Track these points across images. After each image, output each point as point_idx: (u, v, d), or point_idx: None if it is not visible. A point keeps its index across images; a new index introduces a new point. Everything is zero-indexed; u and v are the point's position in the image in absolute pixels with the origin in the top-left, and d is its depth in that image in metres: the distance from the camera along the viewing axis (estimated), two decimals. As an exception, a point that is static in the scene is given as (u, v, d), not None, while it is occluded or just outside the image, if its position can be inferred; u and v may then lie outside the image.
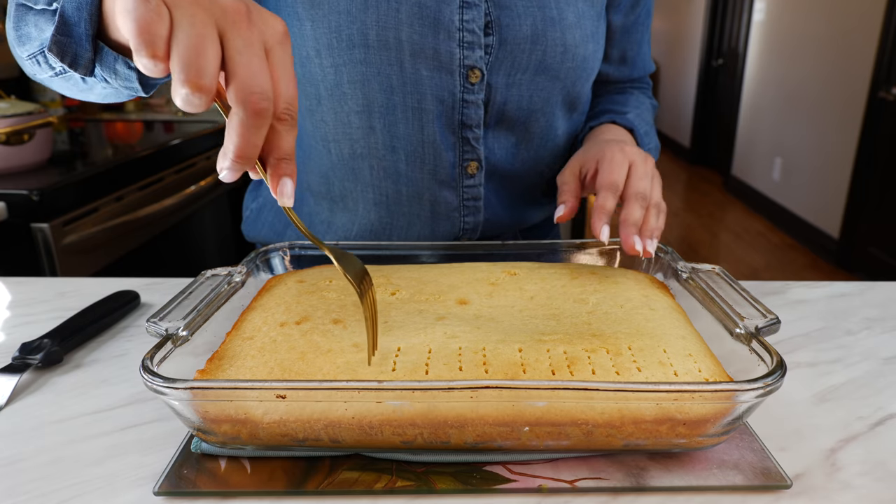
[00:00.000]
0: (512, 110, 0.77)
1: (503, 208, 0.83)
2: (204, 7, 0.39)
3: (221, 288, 0.59)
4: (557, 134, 0.82)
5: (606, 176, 0.64)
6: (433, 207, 0.79)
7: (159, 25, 0.37)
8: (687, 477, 0.46)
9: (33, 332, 0.67)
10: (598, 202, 0.64)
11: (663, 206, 0.66)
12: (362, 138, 0.75)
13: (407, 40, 0.69)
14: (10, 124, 1.49)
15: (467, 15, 0.70)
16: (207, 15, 0.39)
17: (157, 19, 0.37)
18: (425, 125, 0.73)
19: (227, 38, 0.39)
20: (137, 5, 0.37)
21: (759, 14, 4.66)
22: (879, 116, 3.16)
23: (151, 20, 0.37)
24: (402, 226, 0.80)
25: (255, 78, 0.39)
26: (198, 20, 0.38)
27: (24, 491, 0.45)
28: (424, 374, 0.46)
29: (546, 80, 0.76)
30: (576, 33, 0.75)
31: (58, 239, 1.40)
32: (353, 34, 0.69)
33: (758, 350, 0.48)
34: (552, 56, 0.74)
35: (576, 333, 0.50)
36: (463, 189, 0.79)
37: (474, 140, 0.76)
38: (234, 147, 0.40)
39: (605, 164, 0.66)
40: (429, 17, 0.69)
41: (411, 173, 0.76)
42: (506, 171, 0.81)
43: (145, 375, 0.43)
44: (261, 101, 0.39)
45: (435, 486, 0.45)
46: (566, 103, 0.80)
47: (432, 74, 0.71)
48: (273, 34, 0.41)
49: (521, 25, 0.72)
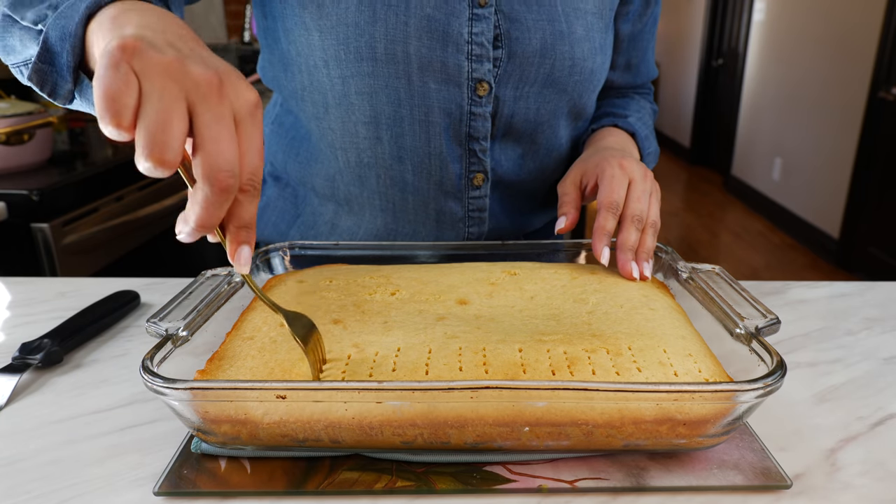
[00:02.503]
0: (519, 123, 0.76)
1: (507, 217, 0.84)
2: (175, 79, 0.38)
3: (221, 288, 0.59)
4: (562, 143, 0.82)
5: (607, 195, 0.64)
6: (438, 217, 0.79)
7: (127, 96, 0.37)
8: (687, 477, 0.46)
9: (33, 332, 0.67)
10: (598, 222, 0.64)
11: (658, 224, 0.66)
12: (369, 148, 0.75)
13: (415, 53, 0.69)
14: (10, 124, 1.49)
15: (476, 28, 0.70)
16: (178, 88, 0.38)
17: (124, 89, 0.37)
18: (432, 137, 0.73)
19: (196, 112, 0.39)
20: (107, 73, 0.37)
21: (759, 14, 4.66)
22: (879, 116, 3.16)
23: (119, 90, 0.37)
24: (408, 233, 0.80)
25: (223, 154, 0.39)
26: (167, 94, 0.38)
27: (24, 491, 0.45)
28: (424, 374, 0.46)
29: (553, 92, 0.75)
30: (584, 47, 0.74)
31: (58, 239, 1.40)
32: (362, 47, 0.68)
33: (758, 350, 0.48)
34: (560, 70, 0.74)
35: (576, 333, 0.50)
36: (468, 200, 0.79)
37: (481, 152, 0.76)
38: (196, 218, 0.39)
39: (605, 182, 0.65)
40: (437, 31, 0.69)
41: (418, 183, 0.76)
42: (511, 182, 0.81)
43: (145, 375, 0.43)
44: (227, 179, 0.39)
45: (435, 486, 0.45)
46: (572, 114, 0.80)
47: (440, 87, 0.71)
48: (243, 105, 0.41)
49: (531, 39, 0.71)
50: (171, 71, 0.38)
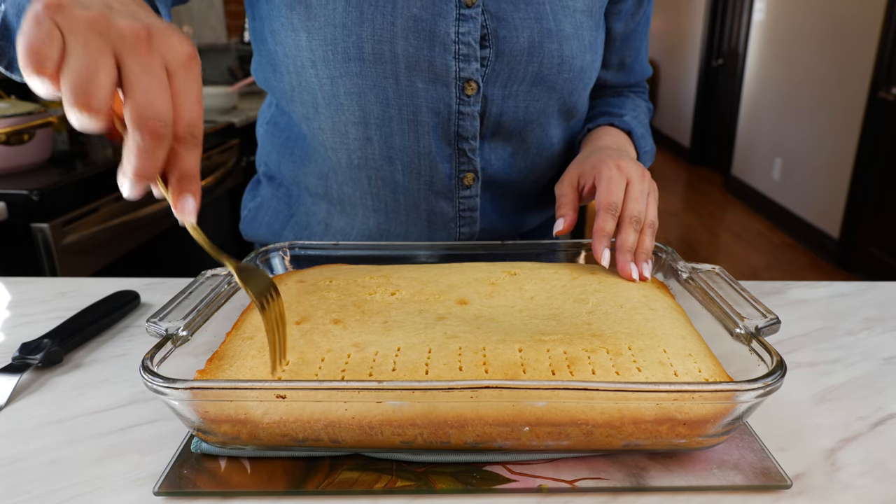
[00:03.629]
0: (508, 121, 0.76)
1: (499, 217, 0.84)
2: (100, 33, 0.38)
3: (221, 288, 0.59)
4: (553, 143, 0.82)
5: (605, 196, 0.64)
6: (429, 217, 0.79)
7: (48, 48, 0.38)
8: (687, 477, 0.46)
9: (33, 332, 0.67)
10: (598, 224, 0.63)
11: (656, 224, 0.66)
12: (359, 149, 0.75)
13: (402, 53, 0.69)
14: (10, 124, 1.49)
15: (463, 28, 0.70)
16: (103, 41, 0.38)
17: (47, 42, 0.37)
18: (421, 137, 0.73)
19: (124, 65, 0.39)
20: (29, 28, 0.38)
21: (759, 14, 4.66)
22: (879, 116, 3.16)
23: (41, 42, 0.37)
24: (400, 233, 0.80)
25: (152, 103, 0.39)
26: (91, 46, 0.38)
27: (24, 491, 0.45)
28: (424, 374, 0.46)
29: (542, 91, 0.75)
30: (573, 44, 0.74)
31: (58, 239, 1.41)
32: (349, 47, 0.68)
33: (758, 350, 0.48)
34: (549, 68, 0.74)
35: (576, 333, 0.50)
36: (459, 200, 0.79)
37: (470, 151, 0.76)
38: (131, 167, 0.40)
39: (603, 183, 0.65)
40: (424, 31, 0.69)
41: (408, 184, 0.77)
42: (502, 182, 0.81)
43: (145, 375, 0.43)
44: (157, 126, 0.39)
45: (435, 486, 0.45)
46: (563, 113, 0.80)
47: (428, 87, 0.71)
48: (176, 56, 0.41)
49: (518, 38, 0.71)
50: (96, 25, 0.39)
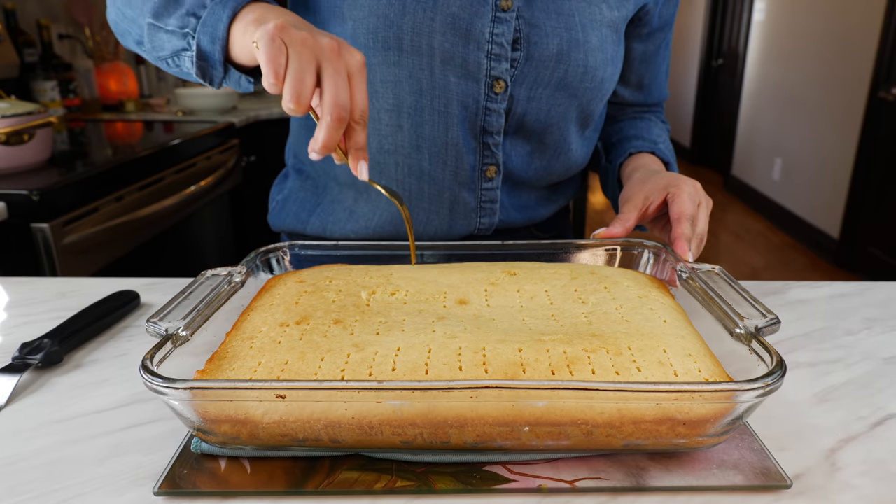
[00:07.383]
0: (530, 121, 0.81)
1: (515, 210, 0.88)
2: (309, 46, 0.54)
3: (221, 288, 0.59)
4: (570, 148, 0.86)
5: (689, 208, 0.69)
6: (452, 206, 0.83)
7: (281, 58, 0.54)
8: (687, 477, 0.46)
9: (33, 332, 0.67)
10: (679, 230, 0.67)
11: (705, 238, 0.71)
12: (390, 135, 0.79)
13: (439, 48, 0.74)
14: (10, 124, 1.49)
15: (498, 29, 0.74)
16: (311, 52, 0.54)
17: (279, 55, 0.54)
18: (450, 128, 0.78)
19: (322, 69, 0.55)
20: (268, 45, 0.54)
21: (759, 14, 4.66)
22: (879, 117, 3.16)
23: (276, 55, 0.54)
24: (422, 220, 0.84)
25: (339, 96, 0.55)
26: (304, 57, 0.54)
27: (24, 491, 0.45)
28: (424, 374, 0.46)
29: (565, 96, 0.80)
30: (597, 56, 0.79)
31: (58, 239, 1.40)
32: (389, 37, 0.74)
33: (758, 350, 0.48)
34: (573, 75, 0.78)
35: (575, 333, 0.50)
36: (481, 191, 0.83)
37: (494, 146, 0.81)
38: (321, 139, 0.56)
39: (685, 197, 0.70)
40: (461, 28, 0.73)
41: (434, 172, 0.81)
42: (519, 178, 0.85)
43: (145, 375, 0.43)
44: (340, 112, 0.55)
45: (435, 486, 0.45)
46: (580, 120, 0.84)
47: (459, 81, 0.76)
48: (355, 63, 0.57)
49: (549, 44, 0.76)
50: (307, 42, 0.54)
